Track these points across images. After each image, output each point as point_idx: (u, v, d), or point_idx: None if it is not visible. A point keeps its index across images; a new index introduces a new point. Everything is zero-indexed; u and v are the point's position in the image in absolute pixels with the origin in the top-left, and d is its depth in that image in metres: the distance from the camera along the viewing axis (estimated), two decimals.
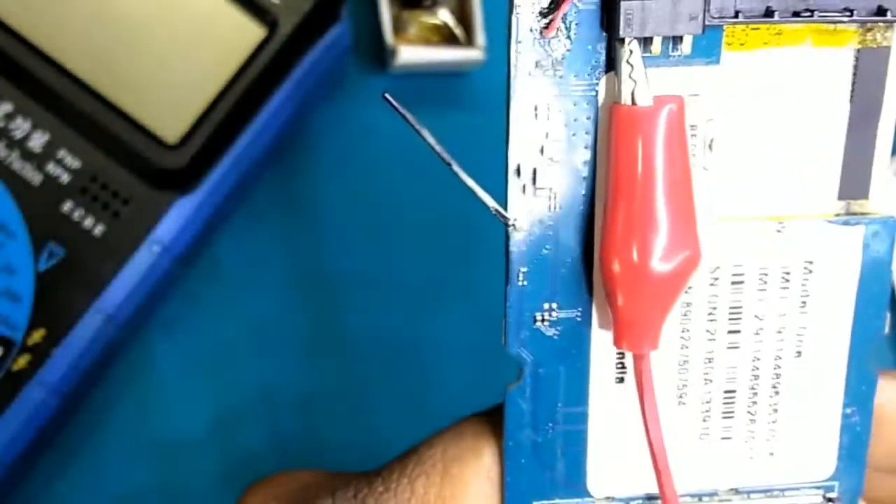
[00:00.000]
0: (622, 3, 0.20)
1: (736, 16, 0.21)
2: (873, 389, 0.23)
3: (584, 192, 0.22)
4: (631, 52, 0.21)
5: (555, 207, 0.22)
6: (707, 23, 0.21)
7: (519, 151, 0.22)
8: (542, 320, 0.23)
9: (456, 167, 0.21)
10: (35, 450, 0.34)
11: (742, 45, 0.22)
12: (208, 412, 0.37)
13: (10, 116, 0.32)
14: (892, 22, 0.21)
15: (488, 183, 0.22)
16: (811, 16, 0.21)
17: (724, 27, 0.21)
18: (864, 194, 0.23)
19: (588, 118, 0.22)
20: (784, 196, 0.23)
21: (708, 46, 0.22)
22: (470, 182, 0.21)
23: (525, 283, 0.22)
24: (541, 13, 0.21)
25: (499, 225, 0.22)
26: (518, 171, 0.22)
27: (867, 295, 0.23)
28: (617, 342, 0.22)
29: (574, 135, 0.22)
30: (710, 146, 0.22)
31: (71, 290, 0.32)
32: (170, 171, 0.33)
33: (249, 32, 0.33)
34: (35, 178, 0.32)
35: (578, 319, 0.23)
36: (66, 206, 0.32)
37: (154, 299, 0.35)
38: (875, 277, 0.23)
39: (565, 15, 0.21)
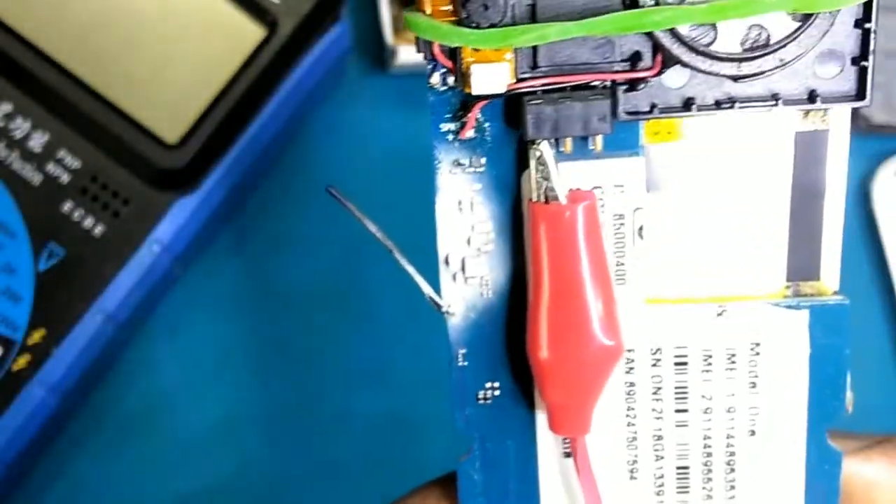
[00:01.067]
0: (528, 107, 0.20)
1: (651, 111, 0.21)
2: (837, 469, 0.23)
3: (515, 279, 0.22)
4: (540, 153, 0.21)
5: (488, 294, 0.23)
6: (621, 119, 0.21)
7: (446, 243, 0.22)
8: (485, 398, 0.23)
9: (397, 254, 0.22)
10: (35, 450, 0.34)
11: (669, 133, 0.22)
12: (209, 412, 0.37)
13: (10, 116, 0.32)
14: (821, 109, 0.21)
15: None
16: (731, 106, 0.21)
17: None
18: (814, 275, 0.23)
19: (510, 212, 0.22)
20: (727, 278, 0.23)
21: (628, 139, 0.22)
22: (409, 268, 0.22)
23: (465, 363, 0.23)
24: (454, 117, 0.22)
25: None
26: (447, 261, 0.22)
27: (821, 376, 0.23)
28: (550, 426, 0.22)
29: (499, 227, 0.22)
30: (639, 234, 0.22)
31: (71, 290, 0.32)
32: (170, 171, 0.33)
33: (249, 32, 0.33)
34: (35, 178, 0.32)
35: (521, 398, 0.23)
36: (66, 206, 0.32)
37: (154, 299, 0.35)
38: (829, 359, 0.23)
39: (478, 117, 0.22)
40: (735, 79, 0.21)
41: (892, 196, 0.38)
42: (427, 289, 0.22)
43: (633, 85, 0.21)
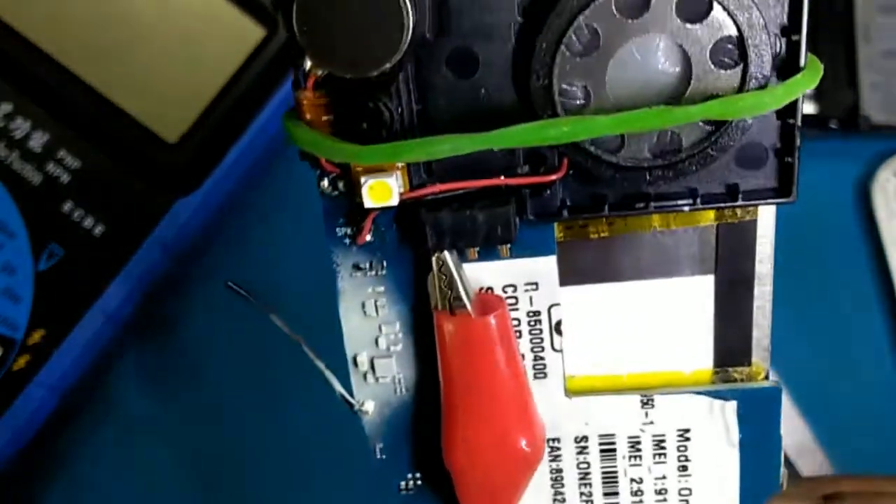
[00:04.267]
0: (426, 217, 0.19)
1: (559, 213, 0.20)
2: None
3: (429, 374, 0.22)
4: (442, 262, 0.20)
5: (401, 391, 0.22)
6: (529, 222, 0.20)
7: (353, 344, 0.22)
8: (407, 489, 0.23)
9: (305, 348, 0.22)
10: (35, 450, 0.34)
11: (583, 227, 0.21)
12: (209, 412, 0.37)
13: (10, 116, 0.32)
14: (740, 206, 0.20)
15: None
16: (646, 207, 0.19)
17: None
18: (744, 361, 0.22)
19: (418, 310, 0.21)
20: (653, 367, 0.22)
21: (540, 238, 0.20)
22: (319, 364, 0.22)
23: (383, 456, 0.23)
24: (349, 221, 0.21)
25: None
26: (355, 362, 0.22)
27: (754, 458, 0.22)
28: None
29: (407, 327, 0.22)
30: (557, 329, 0.21)
31: (71, 290, 0.32)
32: (170, 171, 0.33)
33: (249, 32, 0.33)
34: (35, 178, 0.32)
35: (444, 484, 0.22)
36: (66, 206, 0.32)
37: (154, 299, 0.35)
38: (761, 442, 0.22)
39: (375, 222, 0.20)
40: (649, 183, 0.19)
41: (892, 196, 0.38)
42: (338, 387, 0.22)
43: (537, 188, 0.20)
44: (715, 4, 0.18)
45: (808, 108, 0.38)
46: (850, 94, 0.38)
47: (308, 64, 0.18)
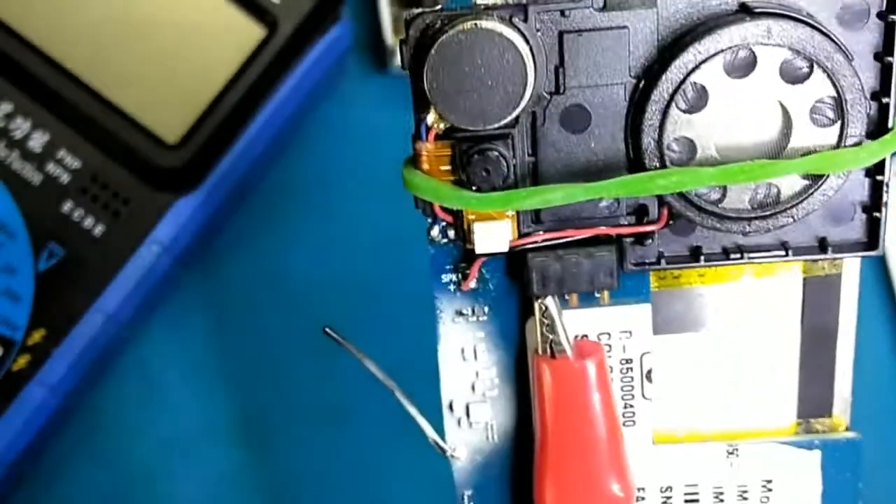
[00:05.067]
0: (532, 263, 0.20)
1: (658, 262, 0.21)
2: None
3: (522, 422, 0.22)
4: (546, 307, 0.21)
5: (493, 438, 0.23)
6: (629, 270, 0.21)
7: (450, 389, 0.22)
8: None
9: (398, 394, 0.22)
10: (35, 450, 0.34)
11: (676, 278, 0.22)
12: (208, 413, 0.37)
13: (10, 116, 0.32)
14: (829, 259, 0.21)
15: None
16: (741, 258, 0.20)
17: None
18: (825, 412, 0.23)
19: (515, 357, 0.22)
20: (738, 416, 0.23)
21: (635, 287, 0.22)
22: (412, 410, 0.22)
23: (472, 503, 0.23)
24: (455, 268, 0.22)
25: None
26: (451, 407, 0.23)
27: None
28: None
29: (504, 373, 0.22)
30: (648, 377, 0.22)
31: (71, 290, 0.32)
32: (170, 171, 0.33)
33: (249, 32, 0.33)
34: (35, 178, 0.32)
35: None
36: (66, 206, 0.32)
37: (154, 299, 0.35)
38: (841, 494, 0.23)
39: (480, 269, 0.21)
40: (746, 233, 0.20)
41: (892, 196, 0.38)
42: (431, 433, 0.22)
43: (639, 238, 0.21)
44: (816, 67, 0.19)
45: None
46: None
47: (431, 118, 0.20)
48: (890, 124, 0.20)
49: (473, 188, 0.19)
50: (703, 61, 0.19)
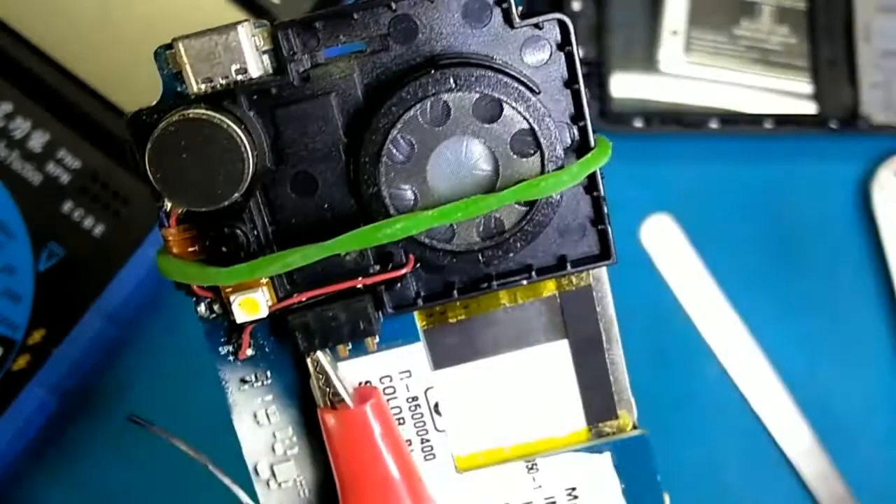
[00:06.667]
0: (293, 323, 0.21)
1: (414, 303, 0.22)
2: None
3: (330, 477, 0.23)
4: (317, 363, 0.22)
5: (304, 494, 0.24)
6: (389, 315, 0.22)
7: (252, 454, 0.23)
8: None
9: (212, 467, 0.23)
10: (35, 450, 0.34)
11: (442, 314, 0.23)
12: (209, 412, 0.37)
13: (10, 116, 0.32)
14: (570, 273, 0.22)
15: None
16: (489, 287, 0.22)
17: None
18: (611, 414, 0.24)
19: (308, 413, 0.23)
20: (532, 432, 0.24)
21: (403, 329, 0.23)
22: (226, 480, 0.23)
23: None
24: (229, 340, 0.23)
25: None
26: (256, 471, 0.24)
27: (640, 502, 0.24)
28: None
29: (300, 430, 0.23)
30: (436, 410, 0.23)
31: (71, 290, 0.32)
32: None
33: None
34: (35, 178, 0.32)
35: None
36: (66, 206, 0.32)
37: (154, 299, 0.35)
38: (642, 487, 0.24)
39: (253, 336, 0.22)
40: (485, 263, 0.22)
41: (892, 196, 0.38)
42: (245, 499, 0.23)
43: (389, 284, 0.22)
44: (504, 105, 0.21)
45: (809, 107, 0.38)
46: (850, 94, 0.38)
47: (168, 205, 0.21)
48: (591, 143, 0.21)
49: (221, 264, 0.20)
50: (400, 116, 0.21)
